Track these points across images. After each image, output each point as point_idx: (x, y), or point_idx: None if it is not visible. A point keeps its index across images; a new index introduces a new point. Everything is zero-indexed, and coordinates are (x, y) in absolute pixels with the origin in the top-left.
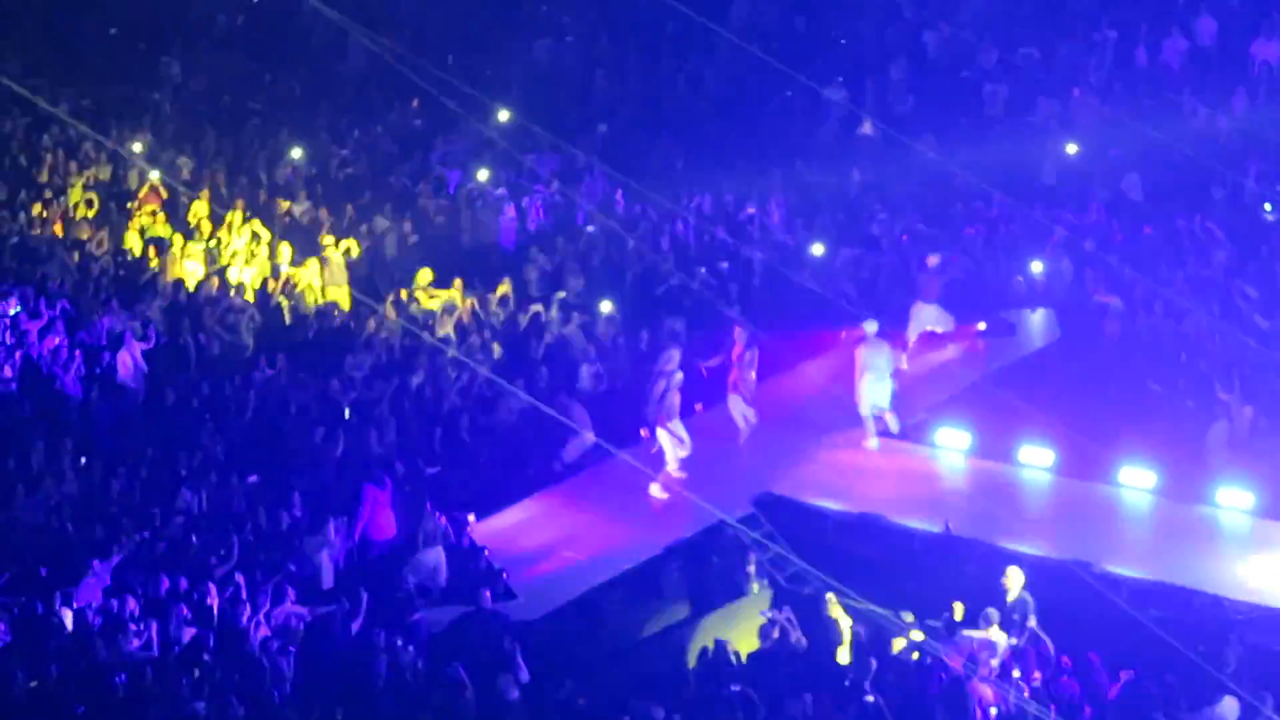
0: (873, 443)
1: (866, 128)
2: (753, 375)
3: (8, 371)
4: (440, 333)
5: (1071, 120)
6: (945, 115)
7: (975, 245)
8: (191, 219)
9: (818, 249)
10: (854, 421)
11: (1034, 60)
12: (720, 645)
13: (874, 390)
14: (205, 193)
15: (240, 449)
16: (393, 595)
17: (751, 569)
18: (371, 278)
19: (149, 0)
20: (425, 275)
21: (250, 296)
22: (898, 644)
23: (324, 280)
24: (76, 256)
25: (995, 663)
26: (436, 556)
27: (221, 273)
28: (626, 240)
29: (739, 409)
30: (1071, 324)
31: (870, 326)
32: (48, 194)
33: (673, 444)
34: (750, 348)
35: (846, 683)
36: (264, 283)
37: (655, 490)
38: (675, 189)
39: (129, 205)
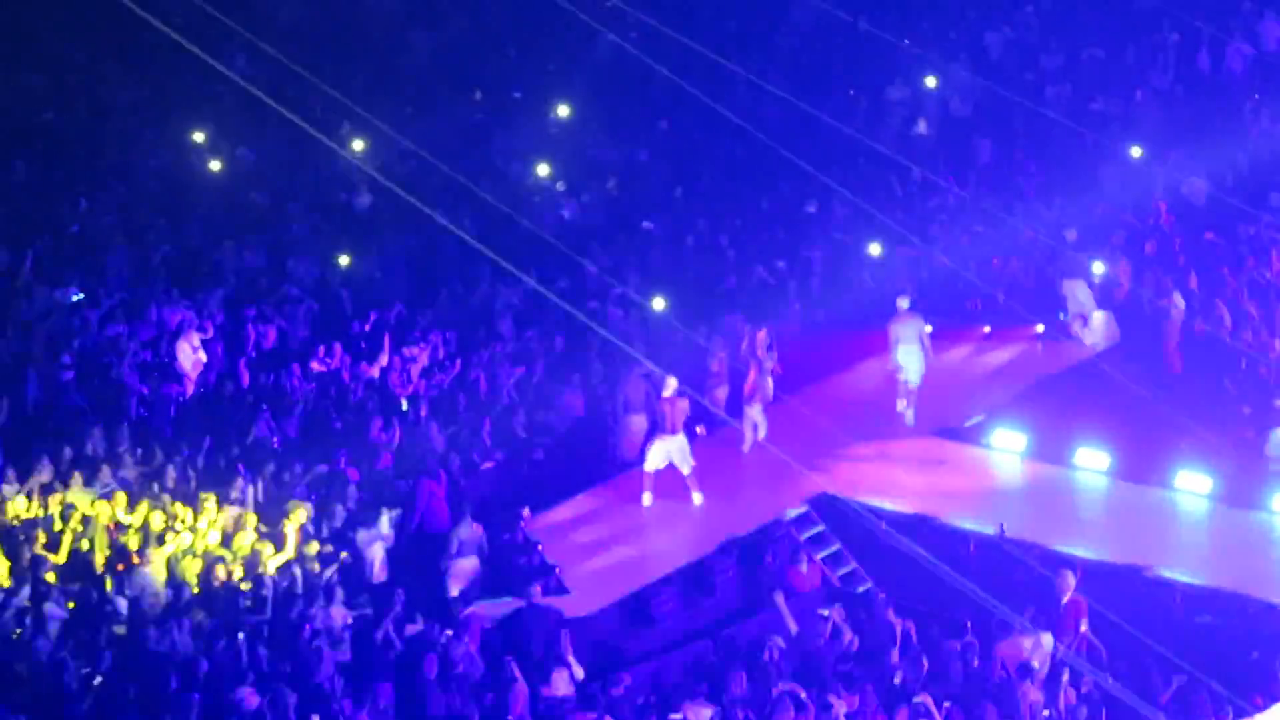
0: (909, 415)
1: (921, 127)
2: (770, 383)
3: (67, 358)
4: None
5: (1134, 123)
6: (1006, 117)
7: (1034, 248)
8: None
9: (875, 248)
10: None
11: (1097, 62)
12: (765, 642)
13: (906, 361)
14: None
15: (296, 439)
16: (445, 589)
17: None
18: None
19: None
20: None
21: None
22: (947, 645)
23: None
24: (138, 246)
25: (1046, 666)
26: (472, 565)
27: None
28: (685, 237)
29: (752, 418)
30: (1131, 327)
31: (902, 302)
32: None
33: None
34: (770, 350)
35: (897, 681)
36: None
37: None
38: (735, 186)
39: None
